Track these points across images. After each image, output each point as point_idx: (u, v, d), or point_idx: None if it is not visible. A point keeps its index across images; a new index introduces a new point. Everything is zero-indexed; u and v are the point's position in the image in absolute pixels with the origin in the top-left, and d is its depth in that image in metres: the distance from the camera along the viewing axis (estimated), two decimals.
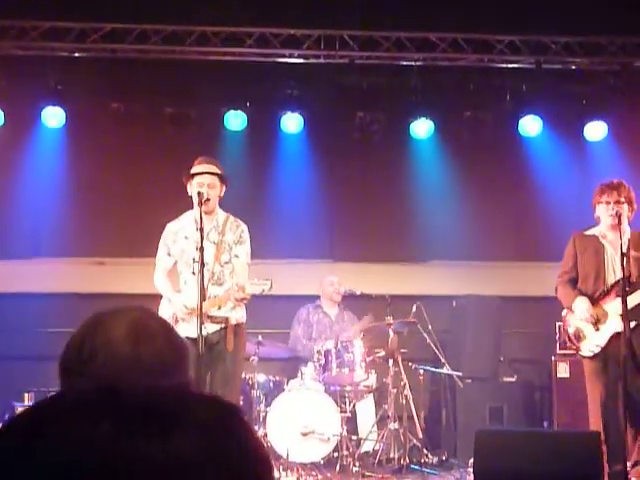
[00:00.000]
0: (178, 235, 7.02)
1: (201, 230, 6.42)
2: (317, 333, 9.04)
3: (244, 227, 7.13)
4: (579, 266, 7.05)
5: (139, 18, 9.08)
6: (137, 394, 0.99)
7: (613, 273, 6.82)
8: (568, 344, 7.45)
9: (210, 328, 6.62)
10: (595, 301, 6.89)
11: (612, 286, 6.79)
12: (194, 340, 6.41)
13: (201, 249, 6.37)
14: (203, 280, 6.32)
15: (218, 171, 6.98)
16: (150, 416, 0.94)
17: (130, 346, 2.00)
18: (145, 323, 2.07)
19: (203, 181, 6.83)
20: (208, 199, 6.74)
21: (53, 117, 9.57)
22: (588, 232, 7.09)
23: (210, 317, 6.64)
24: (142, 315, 2.11)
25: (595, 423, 6.79)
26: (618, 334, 6.61)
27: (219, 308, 6.80)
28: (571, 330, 7.05)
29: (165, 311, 6.87)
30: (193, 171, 6.90)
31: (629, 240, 6.78)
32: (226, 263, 6.98)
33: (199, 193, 6.69)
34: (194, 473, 0.92)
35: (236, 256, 7.00)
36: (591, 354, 6.90)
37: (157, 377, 1.96)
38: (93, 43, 9.22)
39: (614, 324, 6.69)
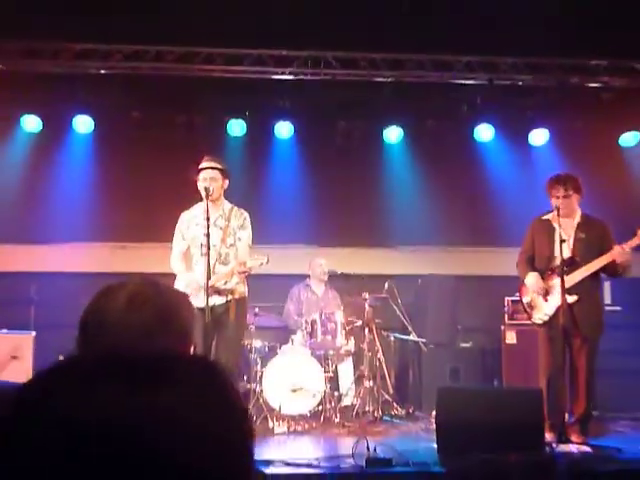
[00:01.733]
0: (190, 223, 7.01)
1: (207, 220, 6.40)
2: (306, 309, 8.98)
3: (246, 215, 7.12)
4: (535, 246, 7.03)
5: (155, 41, 9.03)
6: (128, 357, 0.97)
7: (561, 253, 6.70)
8: (521, 314, 7.47)
9: (217, 300, 6.64)
10: (545, 277, 6.88)
11: (559, 265, 6.68)
12: (203, 310, 6.51)
13: (207, 235, 6.38)
14: (209, 260, 6.35)
15: (220, 166, 6.96)
16: (138, 376, 0.92)
17: (122, 312, 1.95)
18: (140, 292, 2.00)
19: (207, 175, 6.83)
20: (215, 196, 6.78)
21: (83, 124, 9.60)
22: (545, 217, 7.01)
23: (217, 291, 6.65)
24: (141, 285, 2.03)
25: (540, 383, 6.76)
26: (560, 307, 6.56)
27: (225, 283, 6.81)
28: (526, 300, 7.03)
29: (180, 286, 6.81)
30: (201, 167, 6.90)
31: (578, 224, 6.81)
32: (231, 245, 6.97)
33: (205, 188, 6.71)
34: (181, 423, 0.90)
35: (239, 239, 7.00)
36: (541, 322, 6.88)
37: (151, 338, 1.92)
38: (116, 62, 9.17)
39: (558, 297, 6.63)
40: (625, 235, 6.77)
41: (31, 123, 9.51)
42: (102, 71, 9.31)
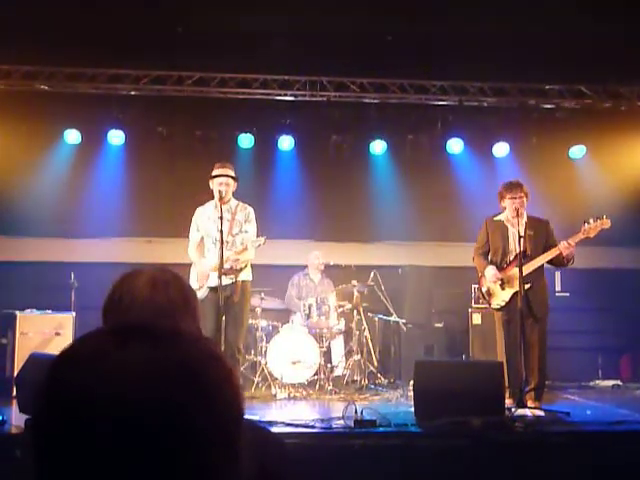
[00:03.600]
0: (204, 216, 6.98)
1: (221, 219, 6.39)
2: (304, 294, 8.96)
3: (250, 209, 7.07)
4: (490, 243, 7.02)
5: (176, 67, 9.06)
6: (150, 325, 0.99)
7: (514, 248, 6.78)
8: (481, 300, 7.43)
9: (225, 281, 6.52)
10: (501, 268, 6.88)
11: (514, 258, 6.76)
12: (214, 289, 6.51)
13: (221, 232, 6.34)
14: (222, 250, 6.31)
15: (231, 173, 6.92)
16: (149, 337, 0.95)
17: (147, 291, 1.98)
18: (161, 276, 2.03)
19: (221, 181, 6.81)
20: (225, 196, 6.77)
21: (116, 137, 9.56)
22: (496, 218, 7.03)
23: (225, 272, 6.52)
24: (160, 272, 2.07)
25: (501, 357, 6.80)
26: (516, 293, 6.59)
27: (231, 267, 6.69)
28: (484, 289, 7.04)
29: (194, 272, 6.93)
30: (213, 173, 6.86)
31: (526, 223, 6.80)
32: (236, 234, 6.92)
33: (219, 191, 6.71)
34: (188, 374, 0.92)
35: (246, 231, 6.94)
36: (498, 307, 6.90)
37: (168, 316, 1.94)
38: (144, 85, 9.19)
39: (514, 285, 6.67)
40: (571, 231, 6.78)
41: (72, 136, 9.48)
42: (132, 92, 9.32)
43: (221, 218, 6.41)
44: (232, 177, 6.93)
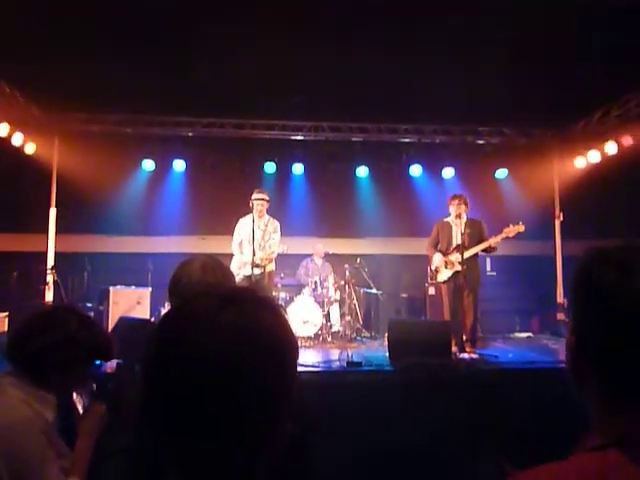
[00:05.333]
0: (244, 225, 6.99)
1: (253, 231, 6.51)
2: (311, 274, 8.88)
3: (277, 224, 7.11)
4: (440, 237, 7.01)
5: (220, 115, 9.04)
6: (215, 291, 0.93)
7: (455, 241, 6.79)
8: (432, 276, 7.46)
9: (256, 271, 6.63)
10: (445, 254, 6.88)
11: (455, 247, 6.77)
12: (248, 277, 6.54)
13: (253, 238, 6.50)
14: (254, 249, 6.45)
15: (267, 198, 6.99)
16: (223, 301, 0.89)
17: (200, 274, 1.93)
18: (210, 262, 1.98)
19: (260, 202, 6.85)
20: (261, 213, 6.87)
21: (179, 165, 9.57)
22: (445, 220, 7.03)
23: (257, 265, 6.64)
24: (209, 259, 2.02)
25: (446, 317, 6.82)
26: (457, 272, 6.65)
27: (262, 261, 6.81)
28: (433, 267, 7.03)
29: (235, 261, 6.95)
30: (254, 197, 6.86)
31: (465, 223, 6.77)
32: (267, 240, 6.96)
33: (258, 210, 6.76)
34: (262, 329, 0.87)
35: (273, 238, 6.99)
36: (442, 281, 6.90)
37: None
38: (198, 128, 9.23)
39: (456, 266, 6.70)
40: (498, 230, 6.80)
41: (148, 164, 9.47)
42: (190, 134, 9.33)
43: (253, 231, 6.52)
44: (267, 200, 6.98)
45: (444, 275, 6.87)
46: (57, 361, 1.80)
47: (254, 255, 6.49)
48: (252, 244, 6.48)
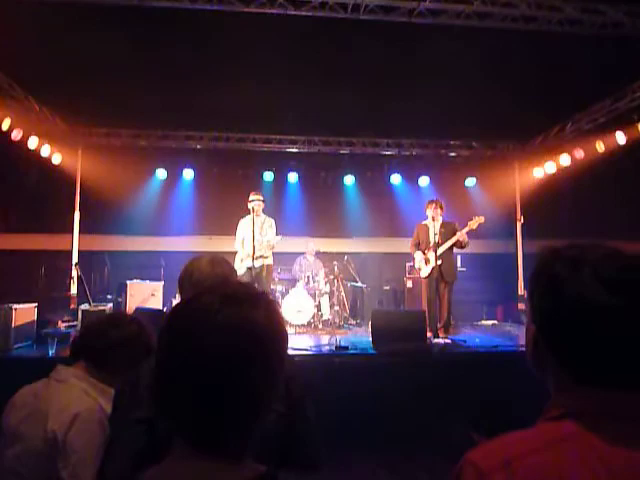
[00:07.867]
0: (244, 225, 6.99)
1: (253, 231, 6.47)
2: (304, 269, 8.82)
3: (272, 220, 7.10)
4: (420, 237, 7.00)
5: (225, 130, 9.02)
6: (219, 288, 0.94)
7: (432, 240, 6.76)
8: (413, 272, 7.46)
9: (256, 263, 6.60)
10: (424, 252, 6.89)
11: (432, 246, 6.74)
12: (250, 268, 6.51)
13: (253, 236, 6.45)
14: (254, 245, 6.40)
15: (261, 198, 6.95)
16: (226, 297, 0.90)
17: (209, 268, 1.90)
18: (217, 258, 1.96)
19: (255, 203, 6.82)
20: (257, 212, 6.81)
21: (188, 174, 9.51)
22: (423, 222, 7.02)
23: (256, 258, 6.62)
24: (215, 256, 1.99)
25: (424, 307, 6.80)
26: (434, 267, 6.64)
27: (260, 255, 6.76)
28: (415, 265, 7.05)
29: (238, 257, 6.92)
30: (251, 198, 6.85)
31: (441, 225, 6.78)
32: (264, 235, 6.94)
33: (254, 209, 6.73)
34: (254, 327, 0.87)
35: (269, 233, 7.00)
36: (424, 276, 6.89)
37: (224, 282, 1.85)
38: (205, 141, 9.18)
39: (432, 262, 6.69)
40: (462, 226, 6.83)
41: (161, 173, 9.42)
42: (198, 146, 9.29)
43: (253, 230, 6.48)
44: (262, 200, 6.97)
45: (425, 272, 6.89)
46: (125, 357, 1.79)
47: (254, 248, 6.47)
48: (252, 239, 6.46)
